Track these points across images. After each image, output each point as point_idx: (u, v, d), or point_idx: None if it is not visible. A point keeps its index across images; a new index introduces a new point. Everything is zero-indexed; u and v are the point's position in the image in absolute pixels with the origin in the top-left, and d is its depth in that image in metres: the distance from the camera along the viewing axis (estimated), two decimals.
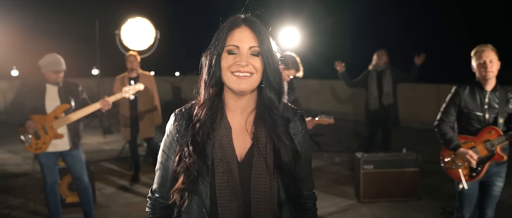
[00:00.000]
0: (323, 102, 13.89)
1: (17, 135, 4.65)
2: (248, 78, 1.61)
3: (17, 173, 7.35)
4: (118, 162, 8.12)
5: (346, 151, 8.80)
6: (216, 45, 1.64)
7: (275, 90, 1.67)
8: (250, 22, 1.65)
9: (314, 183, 1.93)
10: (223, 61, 1.62)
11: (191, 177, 1.62)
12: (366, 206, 5.66)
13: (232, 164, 1.64)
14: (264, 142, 1.66)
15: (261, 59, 1.62)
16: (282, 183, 1.66)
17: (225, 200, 1.62)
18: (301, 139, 1.75)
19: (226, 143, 1.65)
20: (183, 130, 1.69)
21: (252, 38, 1.61)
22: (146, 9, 9.48)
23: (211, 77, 1.65)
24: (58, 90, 4.61)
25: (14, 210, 5.60)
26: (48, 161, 4.67)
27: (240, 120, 1.71)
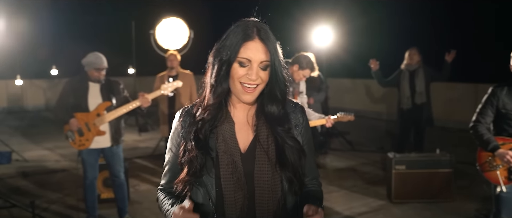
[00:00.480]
0: (356, 101, 13.78)
1: (60, 132, 4.81)
2: (254, 90, 1.69)
3: (55, 169, 7.59)
4: (152, 159, 8.28)
5: (379, 151, 8.71)
6: (227, 53, 1.68)
7: (280, 102, 1.76)
8: (263, 34, 1.69)
9: (318, 173, 1.97)
10: (233, 71, 1.68)
11: (194, 169, 1.70)
12: (397, 207, 5.61)
13: (236, 156, 1.71)
14: (265, 135, 1.74)
15: (268, 72, 1.70)
16: (285, 176, 1.73)
17: (230, 191, 1.69)
18: (302, 130, 1.83)
19: (229, 136, 1.73)
20: (187, 126, 1.77)
21: (264, 52, 1.67)
22: (180, 9, 9.61)
23: (219, 83, 1.71)
24: (100, 88, 4.76)
25: (53, 204, 5.80)
26: (90, 158, 4.83)
27: (242, 115, 1.79)
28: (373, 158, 8.28)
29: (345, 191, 6.34)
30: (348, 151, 8.93)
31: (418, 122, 7.02)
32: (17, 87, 14.83)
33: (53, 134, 10.98)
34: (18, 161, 8.15)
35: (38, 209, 5.51)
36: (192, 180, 1.72)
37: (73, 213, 5.44)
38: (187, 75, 6.92)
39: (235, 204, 1.70)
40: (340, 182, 6.74)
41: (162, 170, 1.90)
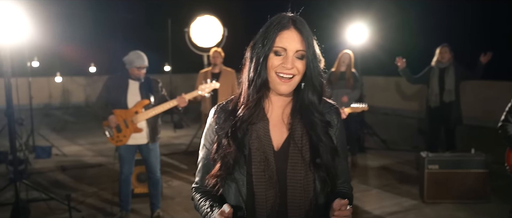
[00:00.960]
0: (388, 99, 13.59)
1: (99, 128, 4.95)
2: (289, 81, 1.68)
3: (92, 164, 7.81)
4: (186, 156, 8.41)
5: (413, 150, 8.57)
6: (264, 44, 1.69)
7: (317, 92, 1.74)
8: (299, 24, 1.69)
9: (350, 177, 1.96)
10: (269, 61, 1.68)
11: (227, 164, 1.69)
12: (429, 207, 5.52)
13: (269, 153, 1.69)
14: (300, 133, 1.72)
15: (305, 62, 1.68)
16: (318, 176, 1.70)
17: (261, 189, 1.68)
18: (337, 132, 1.80)
19: (263, 134, 1.71)
20: (221, 123, 1.77)
21: (299, 41, 1.66)
22: (215, 7, 9.69)
23: (257, 76, 1.70)
24: (140, 86, 4.87)
25: (88, 198, 5.98)
26: (127, 153, 4.95)
27: (277, 112, 1.77)
28: (407, 157, 8.16)
29: (376, 190, 6.28)
30: (382, 150, 8.83)
31: (447, 121, 6.88)
32: (59, 84, 15.30)
33: (92, 130, 11.29)
34: (57, 156, 8.42)
35: (74, 202, 5.70)
36: (224, 175, 1.71)
37: (107, 207, 5.59)
38: (229, 72, 6.99)
39: (266, 202, 1.68)
40: (372, 181, 6.68)
41: (195, 166, 1.91)
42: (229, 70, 7.03)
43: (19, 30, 5.07)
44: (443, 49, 6.81)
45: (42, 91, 15.59)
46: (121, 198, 5.11)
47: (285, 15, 1.72)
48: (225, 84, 6.77)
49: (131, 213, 5.29)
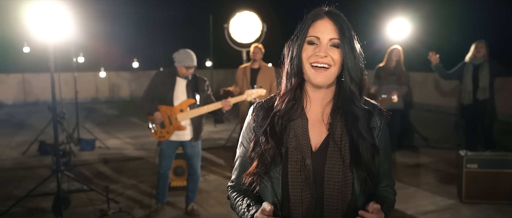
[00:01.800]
0: (426, 95, 13.27)
1: (142, 122, 5.08)
2: (325, 71, 1.62)
3: (133, 157, 8.03)
4: (224, 150, 8.52)
5: (455, 148, 8.36)
6: (298, 36, 1.67)
7: (356, 83, 1.66)
8: (333, 14, 1.66)
9: (394, 180, 1.86)
10: (303, 52, 1.64)
11: (265, 162, 1.64)
12: (467, 207, 5.39)
13: (306, 153, 1.64)
14: (340, 133, 1.66)
15: (340, 52, 1.62)
16: (357, 177, 1.62)
17: (297, 189, 1.62)
18: (380, 134, 1.72)
19: (301, 133, 1.66)
20: (260, 120, 1.74)
21: (333, 30, 1.62)
22: (254, 3, 9.73)
23: (292, 68, 1.68)
24: (187, 84, 4.96)
25: (128, 190, 6.16)
26: (168, 149, 5.08)
27: (317, 111, 1.72)
28: (448, 155, 7.96)
29: (413, 188, 6.18)
30: (423, 147, 8.66)
31: (481, 119, 6.68)
32: (105, 79, 15.76)
33: (135, 124, 11.58)
34: (101, 148, 8.70)
35: (113, 193, 5.90)
36: (261, 173, 1.66)
37: (145, 199, 5.75)
38: (268, 68, 7.03)
39: (302, 203, 1.63)
40: (409, 180, 6.57)
41: (233, 161, 1.90)
42: (269, 66, 7.06)
43: (63, 28, 5.25)
44: (479, 44, 6.61)
45: (89, 86, 16.10)
46: (158, 191, 5.24)
47: (321, 8, 1.70)
48: (264, 80, 6.82)
49: (167, 206, 5.42)
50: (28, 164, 7.60)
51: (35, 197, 5.67)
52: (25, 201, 5.53)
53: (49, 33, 5.18)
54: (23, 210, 5.39)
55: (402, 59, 7.20)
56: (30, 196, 5.59)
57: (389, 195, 1.81)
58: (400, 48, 7.21)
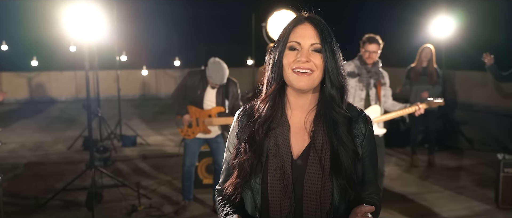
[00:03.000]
0: (486, 95, 12.74)
1: None
2: (308, 76, 1.61)
3: (172, 154, 8.19)
4: None
5: (501, 151, 8.02)
6: (279, 42, 1.67)
7: (337, 88, 1.66)
8: (313, 19, 1.66)
9: (379, 190, 1.83)
10: (284, 58, 1.63)
11: (244, 172, 1.66)
12: (504, 213, 5.19)
13: (286, 162, 1.63)
14: (321, 141, 1.64)
15: (322, 56, 1.62)
16: (337, 185, 1.62)
17: (276, 198, 1.63)
18: (364, 141, 1.70)
19: (282, 140, 1.65)
20: (243, 126, 1.74)
21: (314, 35, 1.62)
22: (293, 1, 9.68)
23: (273, 74, 1.67)
24: (217, 90, 5.03)
25: (161, 186, 6.31)
26: (193, 146, 5.18)
27: (299, 118, 1.70)
28: (491, 158, 7.62)
29: (449, 192, 5.99)
30: (465, 149, 8.37)
31: None
32: (149, 77, 16.12)
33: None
34: (142, 145, 8.94)
35: (146, 189, 6.06)
36: (242, 183, 1.68)
37: (174, 195, 5.87)
38: None
39: (281, 212, 1.63)
40: (445, 182, 6.38)
41: None
42: None
43: (98, 28, 5.44)
44: None
45: (135, 83, 16.55)
46: (184, 188, 5.35)
47: (301, 15, 1.70)
48: None
49: (196, 203, 5.51)
50: (72, 158, 7.92)
51: (74, 190, 5.90)
52: (63, 194, 5.78)
53: (84, 34, 5.38)
54: (61, 203, 5.63)
55: (434, 59, 6.98)
56: (68, 190, 5.83)
57: (375, 202, 1.77)
58: (431, 47, 7.00)
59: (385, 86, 4.89)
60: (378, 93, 4.82)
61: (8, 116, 13.12)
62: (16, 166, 7.44)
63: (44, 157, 8.10)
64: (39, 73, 15.86)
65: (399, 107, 4.76)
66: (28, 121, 12.17)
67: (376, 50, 4.80)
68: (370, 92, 4.82)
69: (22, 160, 7.89)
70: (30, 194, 6.02)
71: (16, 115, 13.19)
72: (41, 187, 6.28)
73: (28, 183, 6.53)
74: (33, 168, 7.39)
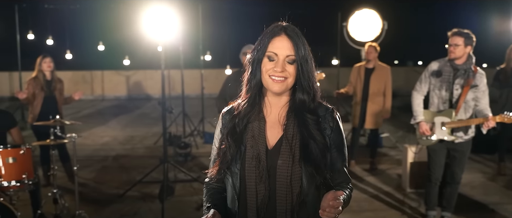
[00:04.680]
0: None
1: None
2: (282, 82, 1.86)
3: None
4: None
5: None
6: (258, 49, 1.90)
7: (308, 93, 1.90)
8: (289, 31, 1.88)
9: (349, 178, 2.01)
10: (263, 65, 1.88)
11: (227, 158, 1.91)
12: None
13: (262, 151, 1.88)
14: (292, 133, 1.88)
15: (295, 66, 1.86)
16: (306, 171, 1.84)
17: (252, 183, 1.88)
18: (332, 134, 1.92)
19: (257, 133, 1.90)
20: (226, 123, 1.99)
21: (289, 47, 1.85)
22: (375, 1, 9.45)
23: (252, 77, 1.92)
24: None
25: None
26: None
27: (274, 114, 1.94)
28: None
29: None
30: None
31: None
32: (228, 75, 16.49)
33: None
34: None
35: None
36: (224, 167, 1.92)
37: None
38: (384, 68, 6.85)
39: (257, 195, 1.88)
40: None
41: None
42: (384, 66, 6.86)
43: (175, 29, 5.71)
44: None
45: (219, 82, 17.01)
46: None
47: (278, 24, 1.92)
48: (378, 80, 6.69)
49: None
50: (156, 153, 8.34)
51: (151, 183, 6.22)
52: (141, 186, 6.12)
53: (161, 34, 5.66)
54: (138, 194, 5.96)
55: None
56: (145, 182, 6.17)
57: (345, 189, 1.95)
58: None
59: (476, 88, 4.45)
60: (462, 95, 4.46)
61: (107, 112, 14.11)
62: (105, 158, 7.99)
63: (131, 151, 8.62)
64: (136, 72, 16.88)
65: (482, 115, 4.44)
66: (124, 117, 13.00)
67: (460, 43, 4.37)
68: (454, 93, 4.50)
69: (112, 152, 8.45)
70: (113, 184, 6.44)
71: (114, 111, 14.16)
72: (123, 179, 6.69)
73: (113, 174, 6.99)
74: (120, 160, 7.89)
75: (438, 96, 4.59)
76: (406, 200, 5.64)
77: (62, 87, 6.21)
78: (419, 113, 4.70)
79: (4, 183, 4.12)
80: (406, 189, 5.97)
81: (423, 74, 4.74)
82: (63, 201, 4.87)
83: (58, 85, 6.11)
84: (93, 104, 15.54)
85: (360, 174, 6.84)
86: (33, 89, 5.94)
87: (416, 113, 4.73)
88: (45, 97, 5.99)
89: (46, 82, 6.00)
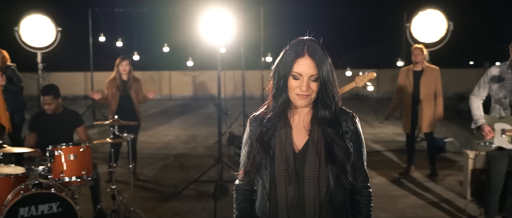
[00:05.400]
0: None
1: None
2: (306, 98, 2.01)
3: None
4: (400, 154, 8.20)
5: None
6: (283, 68, 2.03)
7: (329, 108, 2.04)
8: (312, 51, 2.00)
9: (368, 176, 2.17)
10: (289, 83, 2.02)
11: (255, 163, 2.06)
12: None
13: (289, 155, 2.02)
14: (317, 137, 2.03)
15: (318, 83, 2.00)
16: (332, 171, 1.99)
17: (282, 184, 2.02)
18: (353, 136, 2.08)
19: (284, 138, 2.05)
20: (254, 129, 2.14)
21: (313, 67, 1.98)
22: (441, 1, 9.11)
23: (278, 94, 2.06)
24: None
25: None
26: None
27: (299, 120, 2.10)
28: None
29: None
30: None
31: None
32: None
33: None
34: None
35: None
36: (253, 171, 2.08)
37: None
38: (433, 69, 6.65)
39: (286, 196, 2.02)
40: None
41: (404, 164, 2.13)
42: (433, 67, 6.65)
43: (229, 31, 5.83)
44: None
45: None
46: None
47: (300, 42, 2.05)
48: (428, 82, 6.50)
49: None
50: (215, 152, 8.48)
51: (208, 182, 6.37)
52: (198, 185, 6.29)
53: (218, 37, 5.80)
54: (194, 192, 6.13)
55: None
56: (202, 181, 6.33)
57: (363, 203, 2.13)
58: None
59: None
60: None
61: (173, 111, 14.56)
62: (167, 157, 8.28)
63: (192, 150, 8.86)
64: (202, 72, 17.28)
65: None
66: (188, 116, 13.37)
67: None
68: None
69: (174, 151, 8.73)
70: (171, 182, 6.66)
71: (179, 110, 14.59)
72: (182, 177, 6.90)
73: (172, 172, 7.22)
74: (180, 159, 8.14)
75: (499, 102, 4.39)
76: (466, 209, 5.42)
77: (138, 86, 6.51)
78: (480, 117, 4.52)
79: (66, 178, 4.38)
80: (467, 197, 5.74)
81: (482, 79, 4.56)
82: (120, 197, 5.10)
83: (134, 85, 6.42)
84: (160, 104, 16.07)
85: (420, 180, 6.64)
86: (111, 89, 6.29)
87: (476, 117, 4.55)
88: (121, 96, 6.31)
89: (122, 82, 6.32)
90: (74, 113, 5.24)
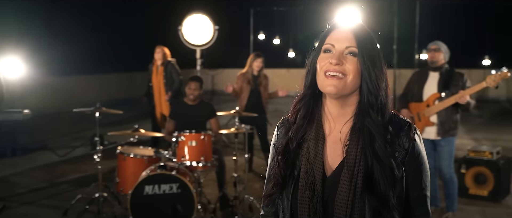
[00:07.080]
0: None
1: None
2: (338, 79, 1.48)
3: None
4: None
5: None
6: (317, 49, 1.58)
7: (375, 95, 1.51)
8: (353, 23, 1.56)
9: (429, 211, 1.59)
10: (318, 62, 1.54)
11: (278, 184, 1.58)
12: None
13: (317, 179, 1.52)
14: (354, 157, 1.50)
15: (358, 61, 1.49)
16: (370, 206, 1.46)
17: (304, 216, 1.53)
18: (407, 158, 1.53)
19: (314, 155, 1.54)
20: (281, 137, 1.66)
21: (350, 38, 1.51)
22: None
23: (307, 79, 1.59)
24: (439, 78, 4.71)
25: None
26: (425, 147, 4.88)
27: (336, 130, 1.58)
28: None
29: None
30: None
31: None
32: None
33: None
34: None
35: None
36: (276, 193, 1.60)
37: None
38: None
39: None
40: None
41: None
42: None
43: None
44: None
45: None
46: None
47: None
48: None
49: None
50: None
51: None
52: None
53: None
54: None
55: None
56: None
57: None
58: None
59: None
60: None
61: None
62: None
63: None
64: None
65: None
66: None
67: None
68: None
69: None
70: None
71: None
72: None
73: None
74: None
75: None
76: None
77: (267, 83, 6.76)
78: None
79: (187, 163, 4.78)
80: None
81: None
82: (242, 186, 5.35)
83: (263, 81, 6.68)
84: None
85: None
86: (241, 83, 6.64)
87: None
88: (251, 91, 6.62)
89: (253, 77, 6.62)
90: (209, 105, 5.64)
